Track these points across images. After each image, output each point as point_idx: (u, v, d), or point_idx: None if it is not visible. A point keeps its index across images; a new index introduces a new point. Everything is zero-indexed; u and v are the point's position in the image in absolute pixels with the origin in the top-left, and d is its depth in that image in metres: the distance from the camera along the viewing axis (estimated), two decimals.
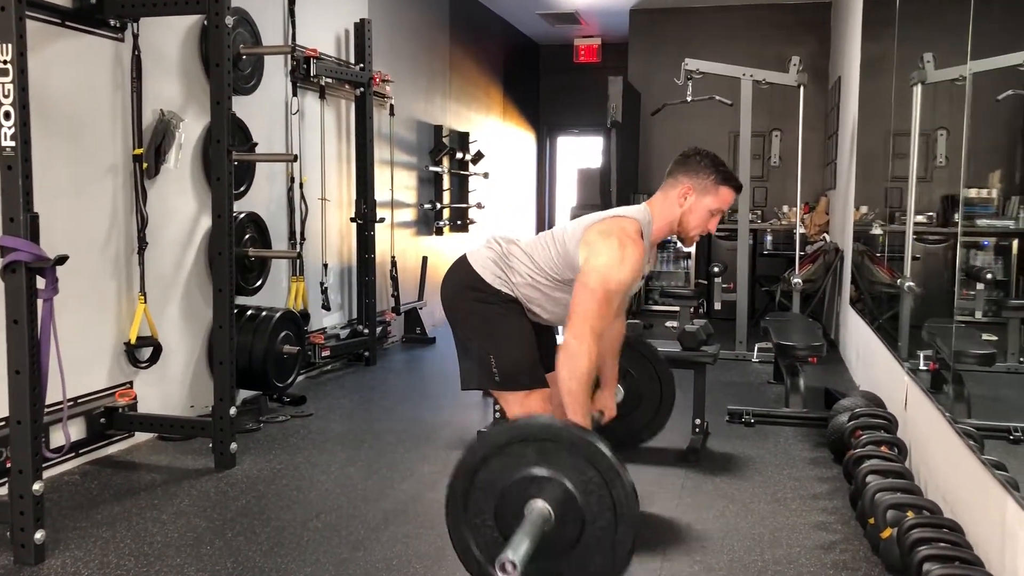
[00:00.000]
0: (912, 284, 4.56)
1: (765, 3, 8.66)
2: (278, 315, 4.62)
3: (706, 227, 2.62)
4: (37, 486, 2.74)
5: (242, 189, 4.73)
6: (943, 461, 3.05)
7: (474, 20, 8.95)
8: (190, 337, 4.43)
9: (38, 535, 2.76)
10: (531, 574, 1.85)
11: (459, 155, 8.14)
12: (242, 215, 4.65)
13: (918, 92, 4.51)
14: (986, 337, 3.75)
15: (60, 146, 3.58)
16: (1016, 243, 3.85)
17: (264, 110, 5.03)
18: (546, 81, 11.55)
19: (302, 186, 5.36)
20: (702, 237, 2.72)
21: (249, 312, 4.58)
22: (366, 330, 6.06)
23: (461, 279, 2.62)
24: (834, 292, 6.87)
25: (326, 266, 5.66)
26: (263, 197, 5.03)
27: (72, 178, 3.67)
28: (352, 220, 6.08)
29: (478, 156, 8.36)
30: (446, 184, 7.90)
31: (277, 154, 5.11)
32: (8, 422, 2.78)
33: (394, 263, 6.71)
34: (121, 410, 3.89)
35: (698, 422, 4.08)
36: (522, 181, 11.00)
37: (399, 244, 6.91)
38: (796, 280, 6.31)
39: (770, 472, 3.77)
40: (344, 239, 6.10)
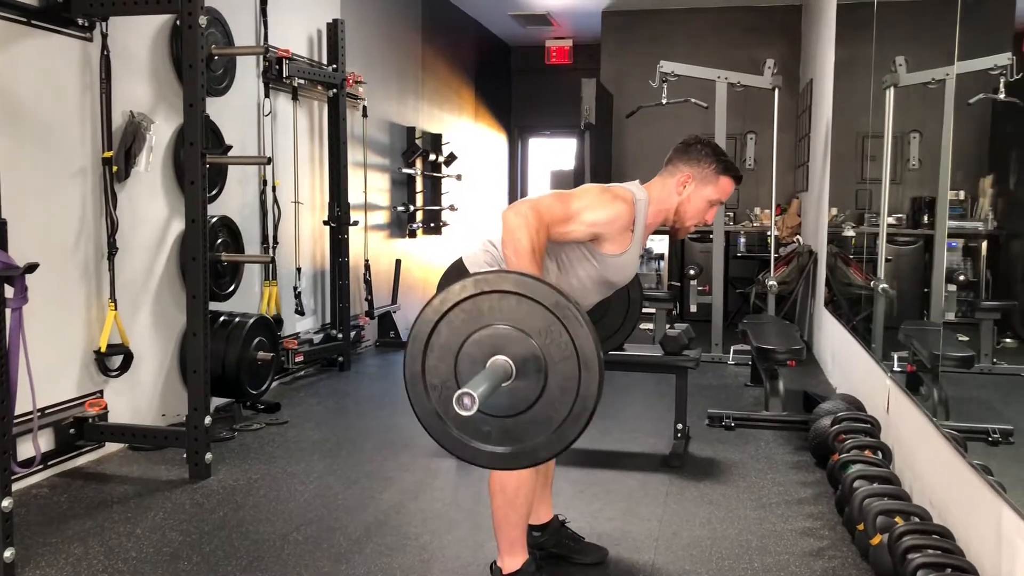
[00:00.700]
0: (886, 286, 4.58)
1: (736, 5, 8.68)
2: (251, 321, 4.53)
3: (703, 218, 2.54)
4: (6, 502, 2.63)
5: (214, 193, 4.62)
6: (930, 465, 3.05)
7: (446, 21, 8.88)
8: (162, 344, 4.32)
9: (7, 553, 2.66)
10: (497, 432, 1.80)
11: (432, 157, 8.07)
12: (214, 219, 4.55)
13: (891, 95, 4.53)
14: (960, 338, 3.77)
15: (26, 149, 3.47)
16: (984, 244, 3.88)
17: (236, 112, 4.92)
18: (517, 83, 11.50)
19: (275, 189, 5.26)
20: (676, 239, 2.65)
21: (222, 318, 4.48)
22: (340, 335, 5.97)
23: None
24: (807, 294, 6.91)
25: (299, 270, 5.56)
26: (235, 201, 4.93)
27: (39, 182, 3.55)
28: (325, 223, 5.99)
29: (451, 158, 8.30)
30: (419, 186, 7.82)
31: (250, 157, 5.01)
32: None
33: (367, 267, 6.63)
34: (91, 420, 3.78)
35: (680, 426, 4.06)
36: (494, 183, 10.94)
37: (372, 247, 6.82)
38: (771, 282, 6.33)
39: (753, 477, 3.75)
40: (317, 243, 6.01)
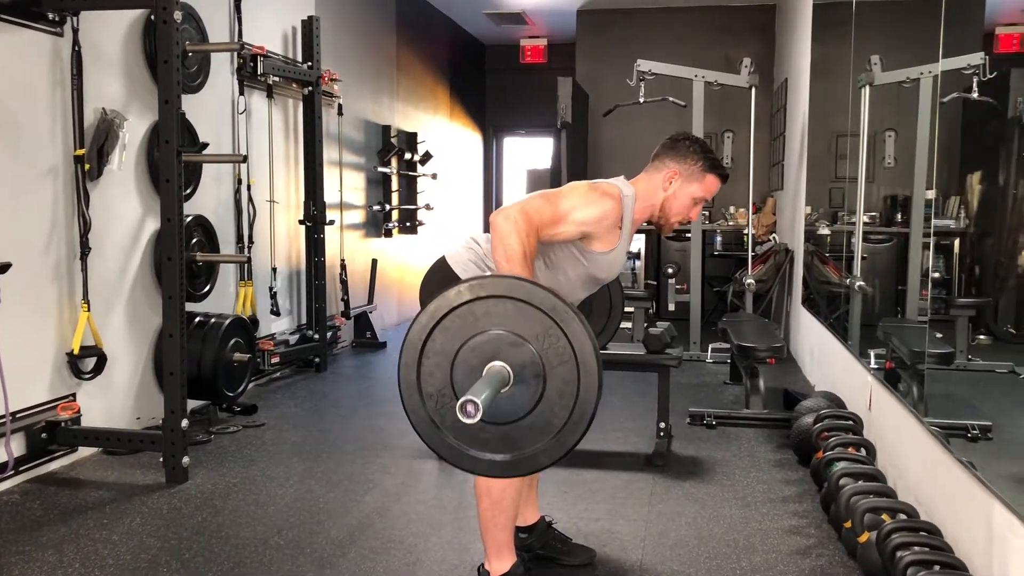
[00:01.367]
0: (863, 283, 4.61)
1: (710, 5, 8.71)
2: (228, 322, 4.45)
3: (688, 215, 2.53)
4: None
5: (189, 191, 4.53)
6: (916, 462, 3.06)
7: (421, 19, 8.82)
8: (136, 346, 4.23)
9: None
10: (495, 440, 1.76)
11: (407, 156, 8.01)
12: (189, 218, 4.46)
13: (866, 94, 4.55)
14: (936, 335, 3.80)
15: None
16: (957, 242, 3.91)
17: (210, 110, 4.84)
18: (492, 82, 11.46)
19: (250, 188, 5.18)
20: (655, 236, 2.64)
21: (198, 319, 4.40)
22: (316, 335, 5.90)
23: (442, 282, 2.51)
24: (784, 292, 6.93)
25: (275, 270, 5.49)
26: (210, 200, 4.85)
27: (8, 180, 3.46)
28: (301, 222, 5.92)
29: (426, 157, 8.24)
30: (395, 185, 7.76)
31: (226, 155, 4.93)
32: None
33: (343, 266, 6.56)
34: (64, 424, 3.69)
35: (663, 425, 4.04)
36: (469, 182, 10.89)
37: (348, 247, 6.75)
38: (749, 280, 6.34)
39: (737, 475, 3.75)
40: (293, 242, 5.94)
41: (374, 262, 7.15)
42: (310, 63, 5.76)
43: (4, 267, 2.59)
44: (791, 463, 3.90)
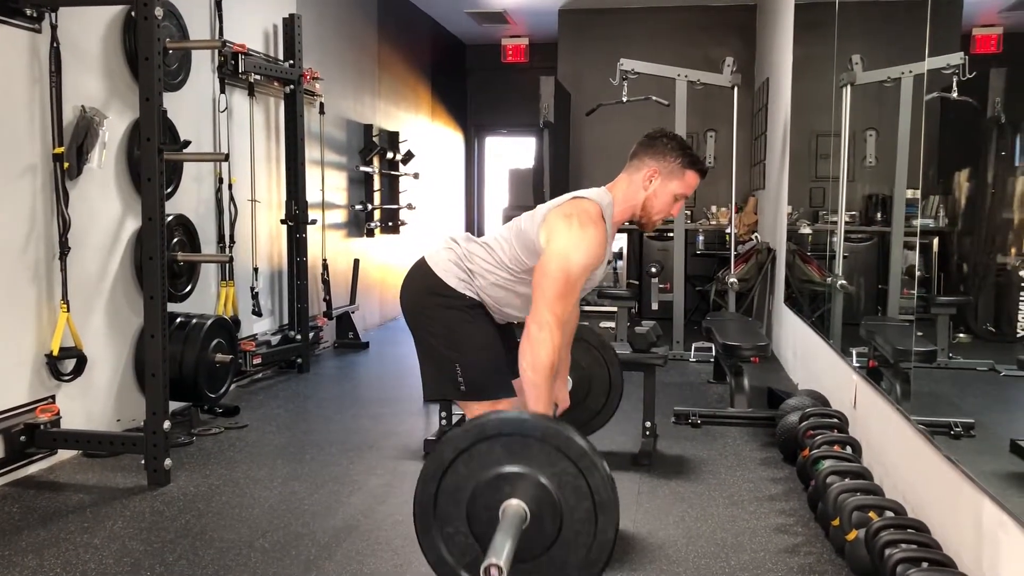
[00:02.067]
0: (844, 282, 4.63)
1: (691, 5, 8.73)
2: (209, 322, 4.40)
3: (669, 211, 2.54)
4: None
5: (169, 190, 4.48)
6: (902, 460, 3.07)
7: (402, 18, 8.78)
8: (116, 347, 4.18)
9: None
10: None
11: (389, 155, 7.97)
12: (170, 217, 4.40)
13: (847, 93, 4.58)
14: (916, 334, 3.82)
15: None
16: (936, 241, 3.93)
17: (191, 108, 4.79)
18: (473, 81, 11.43)
19: (231, 187, 5.13)
20: (637, 236, 2.64)
21: (179, 319, 4.34)
22: (298, 336, 5.85)
23: (422, 283, 2.49)
24: (766, 291, 6.96)
25: (256, 270, 5.44)
26: (191, 199, 4.80)
27: None
28: (283, 222, 5.87)
29: (408, 156, 8.20)
30: (377, 185, 7.72)
31: (208, 153, 4.88)
32: None
33: (325, 266, 6.52)
34: (43, 426, 3.63)
35: (648, 424, 4.04)
36: (451, 182, 10.86)
37: (330, 246, 6.71)
38: (732, 279, 6.36)
39: (723, 474, 3.75)
40: (274, 242, 5.89)
41: (356, 262, 7.11)
42: (291, 61, 5.72)
43: None
44: (777, 461, 3.91)
